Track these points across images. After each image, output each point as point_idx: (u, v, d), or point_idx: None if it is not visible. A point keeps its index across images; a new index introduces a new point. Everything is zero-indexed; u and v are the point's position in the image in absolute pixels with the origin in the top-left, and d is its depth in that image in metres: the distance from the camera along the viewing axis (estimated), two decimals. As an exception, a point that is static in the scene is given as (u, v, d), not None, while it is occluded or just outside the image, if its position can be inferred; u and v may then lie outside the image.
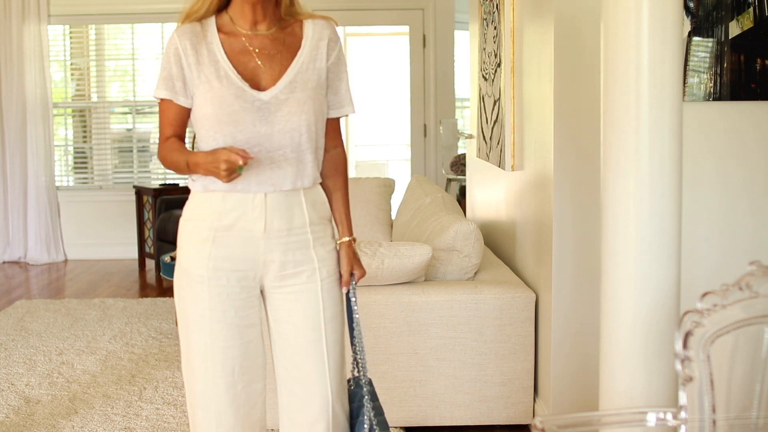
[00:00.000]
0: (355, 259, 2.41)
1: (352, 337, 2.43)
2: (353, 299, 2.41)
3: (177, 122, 2.28)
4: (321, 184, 2.38)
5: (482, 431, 3.53)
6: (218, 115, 2.20)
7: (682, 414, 1.89)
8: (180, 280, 2.33)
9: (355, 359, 2.44)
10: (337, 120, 2.42)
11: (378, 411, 2.39)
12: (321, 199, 2.36)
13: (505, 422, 3.52)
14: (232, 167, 2.09)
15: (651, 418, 1.94)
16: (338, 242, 2.40)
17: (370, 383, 2.42)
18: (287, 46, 2.29)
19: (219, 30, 2.28)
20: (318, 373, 2.32)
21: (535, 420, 1.88)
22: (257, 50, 2.26)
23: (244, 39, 2.27)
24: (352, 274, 2.40)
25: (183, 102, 2.26)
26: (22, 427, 3.68)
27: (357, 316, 2.42)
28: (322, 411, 2.32)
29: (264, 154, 2.22)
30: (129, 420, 3.74)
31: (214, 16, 2.30)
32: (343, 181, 2.44)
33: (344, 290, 2.40)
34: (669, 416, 1.92)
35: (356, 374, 2.43)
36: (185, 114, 2.29)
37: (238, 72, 2.23)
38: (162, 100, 2.28)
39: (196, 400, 2.32)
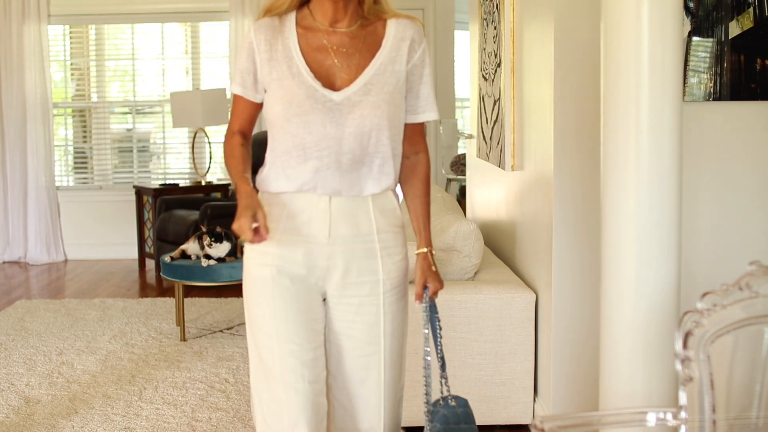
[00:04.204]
0: (429, 272, 2.28)
1: (437, 352, 2.29)
2: (436, 314, 2.28)
3: (245, 116, 2.24)
4: (402, 189, 2.30)
5: (482, 431, 3.53)
6: (287, 115, 2.13)
7: (682, 414, 1.89)
8: (246, 283, 2.25)
9: (443, 377, 2.32)
10: (420, 125, 2.29)
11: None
12: (391, 205, 2.25)
13: (505, 422, 3.52)
14: (240, 232, 2.07)
15: (651, 418, 1.94)
16: (414, 253, 2.30)
17: (466, 404, 2.28)
18: (367, 45, 2.18)
19: (297, 24, 2.19)
20: (372, 389, 2.24)
21: (535, 420, 1.88)
22: (335, 47, 2.16)
23: (322, 35, 2.17)
24: (426, 287, 2.27)
25: (252, 97, 2.21)
26: (22, 427, 3.68)
27: (440, 331, 2.28)
28: (373, 426, 2.25)
29: (332, 156, 2.14)
30: (129, 420, 3.74)
31: (294, 11, 2.21)
32: (424, 189, 2.31)
33: (417, 303, 2.29)
34: (669, 416, 1.92)
35: (445, 393, 2.29)
36: (254, 109, 2.24)
37: (312, 69, 2.14)
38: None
39: (268, 401, 2.20)
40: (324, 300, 2.23)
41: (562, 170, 3.24)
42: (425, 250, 2.28)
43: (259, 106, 2.23)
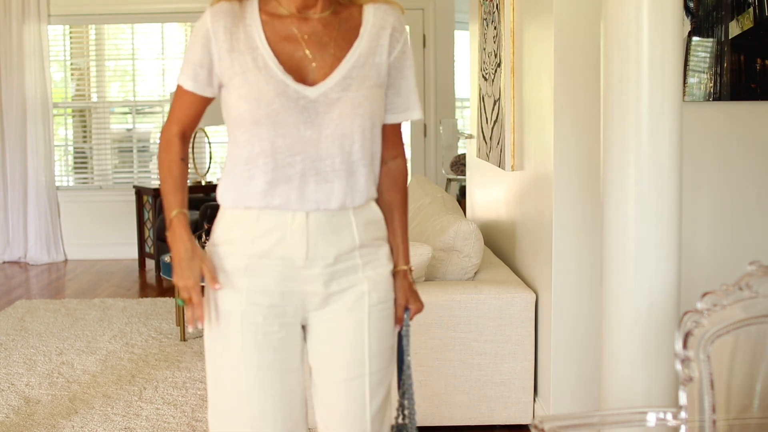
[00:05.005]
0: (411, 291, 2.03)
1: (400, 379, 2.07)
2: (405, 338, 2.05)
3: (191, 113, 1.96)
4: (376, 200, 2.01)
5: (482, 431, 3.53)
6: (255, 116, 1.83)
7: (682, 414, 1.89)
8: (209, 313, 1.94)
9: (401, 405, 2.08)
10: (399, 126, 2.04)
11: None
12: (375, 217, 1.98)
13: (505, 422, 3.52)
14: (186, 293, 1.88)
15: (651, 418, 1.94)
16: (391, 271, 2.01)
17: None
18: (342, 34, 1.90)
19: (261, 10, 1.90)
20: (357, 418, 1.96)
21: (535, 420, 1.88)
22: (306, 36, 1.88)
23: (290, 22, 1.89)
24: (406, 309, 2.03)
25: (203, 92, 1.93)
26: (22, 427, 3.68)
27: (408, 357, 2.06)
28: None
29: (308, 163, 1.86)
30: (129, 420, 3.74)
31: None
32: (402, 199, 2.05)
33: (397, 328, 2.03)
34: (669, 416, 1.92)
35: (401, 421, 2.09)
36: (203, 105, 1.96)
37: (281, 62, 1.85)
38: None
39: None
40: (303, 327, 1.97)
41: (562, 170, 3.24)
42: (405, 267, 2.02)
43: (209, 102, 1.96)
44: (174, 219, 1.91)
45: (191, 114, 1.96)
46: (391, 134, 2.01)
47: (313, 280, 1.89)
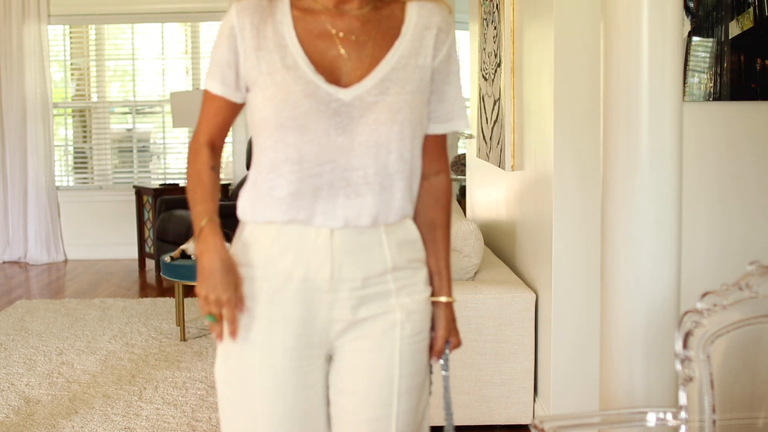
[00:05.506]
0: (453, 325, 1.86)
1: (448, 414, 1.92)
2: (445, 374, 1.86)
3: (219, 121, 1.78)
4: (415, 219, 1.80)
5: (482, 431, 3.53)
6: (280, 119, 1.65)
7: (682, 414, 1.89)
8: (222, 346, 1.75)
9: None
10: (443, 137, 1.82)
11: None
12: (411, 237, 1.77)
13: (505, 422, 3.52)
14: (215, 308, 1.69)
15: (651, 418, 1.94)
16: (435, 300, 1.84)
17: None
18: (382, 33, 1.72)
19: (293, 6, 1.72)
20: None
21: (535, 420, 1.88)
22: (341, 34, 1.70)
23: (324, 18, 1.71)
24: (447, 342, 1.85)
25: (232, 96, 1.74)
26: (22, 427, 3.68)
27: (446, 374, 1.87)
28: None
29: (338, 173, 1.67)
30: (129, 420, 3.74)
31: None
32: (446, 218, 1.83)
33: (433, 361, 1.84)
34: (669, 416, 1.92)
35: None
36: (232, 112, 1.78)
37: (312, 61, 1.67)
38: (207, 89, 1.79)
39: None
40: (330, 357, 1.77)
41: (562, 170, 3.24)
42: (449, 299, 1.86)
43: (239, 108, 1.79)
44: (205, 227, 1.71)
45: (219, 122, 1.78)
46: (433, 146, 1.80)
47: (339, 305, 1.70)
